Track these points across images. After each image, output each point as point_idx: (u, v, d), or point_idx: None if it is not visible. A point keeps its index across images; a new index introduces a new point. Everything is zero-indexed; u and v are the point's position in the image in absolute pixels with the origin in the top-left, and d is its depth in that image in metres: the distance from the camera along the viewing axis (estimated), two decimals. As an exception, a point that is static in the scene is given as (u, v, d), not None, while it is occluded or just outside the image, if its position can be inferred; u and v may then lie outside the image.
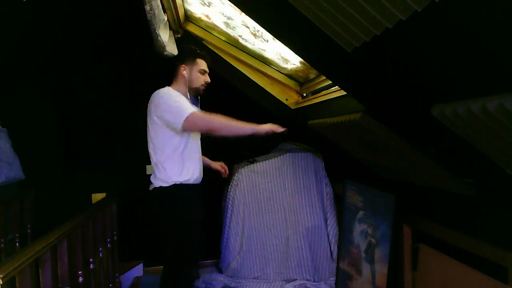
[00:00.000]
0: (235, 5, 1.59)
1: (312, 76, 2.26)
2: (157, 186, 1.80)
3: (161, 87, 2.95)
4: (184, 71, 1.88)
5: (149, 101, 1.84)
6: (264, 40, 2.08)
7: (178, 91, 1.86)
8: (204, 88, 1.93)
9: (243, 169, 2.73)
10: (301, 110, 2.35)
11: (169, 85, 1.90)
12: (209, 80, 1.94)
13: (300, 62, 2.16)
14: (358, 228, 2.08)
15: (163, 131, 1.76)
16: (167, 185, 1.77)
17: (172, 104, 1.73)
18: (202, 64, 1.90)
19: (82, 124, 2.87)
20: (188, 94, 1.90)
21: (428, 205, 1.69)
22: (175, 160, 1.78)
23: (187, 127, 1.70)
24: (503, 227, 1.26)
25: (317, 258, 2.68)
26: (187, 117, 1.67)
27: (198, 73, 1.89)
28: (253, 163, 2.75)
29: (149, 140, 1.86)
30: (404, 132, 1.37)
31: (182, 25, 2.45)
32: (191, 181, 1.81)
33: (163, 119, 1.74)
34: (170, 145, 1.77)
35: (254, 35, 2.09)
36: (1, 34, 2.56)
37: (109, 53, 2.89)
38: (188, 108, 1.71)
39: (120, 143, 2.93)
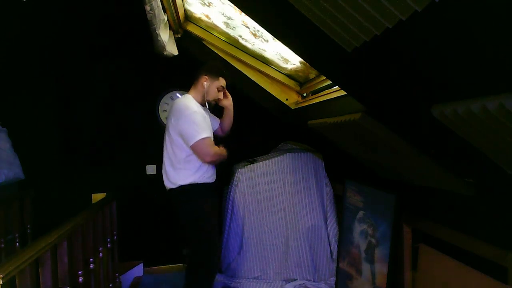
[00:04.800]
0: (235, 5, 1.59)
1: (312, 76, 2.26)
2: (174, 187, 1.96)
3: (160, 87, 2.98)
4: (205, 82, 2.03)
5: (170, 108, 2.00)
6: (264, 40, 2.08)
7: (196, 99, 2.02)
8: (215, 103, 2.11)
9: (243, 169, 2.73)
10: (301, 110, 2.35)
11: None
12: (222, 97, 2.12)
13: (300, 62, 2.16)
14: (358, 228, 2.08)
15: (181, 140, 1.91)
16: (185, 183, 1.92)
17: (192, 122, 1.88)
18: (222, 82, 2.06)
19: (82, 124, 2.87)
20: (206, 103, 2.05)
21: (428, 205, 1.69)
22: (192, 163, 1.93)
23: (194, 149, 1.88)
24: (503, 227, 1.26)
25: (317, 258, 2.68)
26: (198, 141, 1.85)
27: (215, 88, 2.04)
28: (253, 163, 2.75)
29: (166, 143, 2.00)
30: (404, 132, 1.37)
31: (182, 25, 2.45)
32: (205, 181, 1.97)
33: (181, 131, 1.89)
34: (186, 151, 1.92)
35: (254, 35, 2.09)
36: (1, 33, 2.56)
37: (109, 53, 2.89)
38: (203, 131, 1.88)
39: (120, 143, 2.93)
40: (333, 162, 2.74)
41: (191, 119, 1.87)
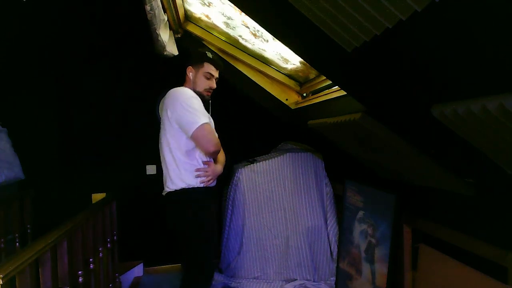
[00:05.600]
0: (235, 5, 1.59)
1: (312, 76, 2.26)
2: (172, 190, 1.78)
3: (160, 87, 2.97)
4: (190, 72, 1.87)
5: (164, 99, 1.80)
6: (264, 40, 2.08)
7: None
8: (208, 94, 1.89)
9: (243, 169, 2.73)
10: (301, 110, 2.35)
11: (174, 87, 1.83)
12: (214, 86, 1.89)
13: (300, 62, 2.16)
14: (358, 228, 2.08)
15: (180, 132, 1.74)
16: (185, 187, 1.75)
17: (189, 107, 1.69)
18: (208, 68, 1.85)
19: (82, 124, 2.87)
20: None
21: (428, 205, 1.69)
22: (193, 159, 1.76)
23: (196, 138, 1.68)
24: (503, 227, 1.26)
25: (317, 258, 2.68)
26: (198, 128, 1.65)
27: (203, 76, 1.85)
28: (253, 163, 2.75)
29: (163, 140, 1.82)
30: (404, 132, 1.37)
31: (182, 25, 2.45)
32: (208, 184, 1.81)
33: (178, 120, 1.71)
34: (186, 145, 1.75)
35: (254, 35, 2.09)
36: (1, 34, 2.56)
37: (109, 53, 2.89)
38: (202, 116, 1.68)
39: (120, 143, 2.93)
40: (333, 162, 2.74)
41: (187, 104, 1.68)
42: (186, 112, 1.67)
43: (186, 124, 1.67)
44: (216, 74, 1.89)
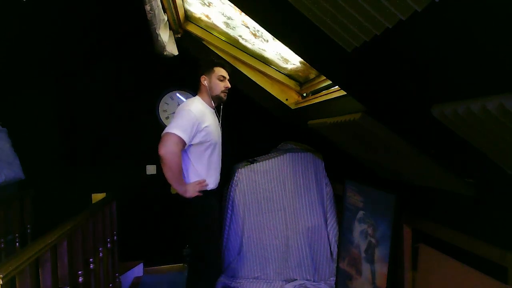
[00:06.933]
0: (235, 5, 1.59)
1: (312, 76, 2.26)
2: None
3: (160, 87, 2.99)
4: (204, 81, 2.01)
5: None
6: (264, 40, 2.08)
7: (204, 101, 2.01)
8: (225, 94, 2.05)
9: (243, 169, 2.73)
10: (301, 110, 2.35)
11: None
12: (228, 85, 2.03)
13: (300, 62, 2.16)
14: (358, 228, 2.08)
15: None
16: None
17: (178, 116, 1.85)
18: (219, 71, 2.01)
19: (82, 124, 2.87)
20: (212, 103, 2.03)
21: (428, 205, 1.69)
22: (198, 166, 1.91)
23: (161, 141, 1.78)
24: (503, 227, 1.26)
25: (317, 258, 2.68)
26: (167, 132, 1.77)
27: (217, 80, 2.00)
28: (253, 163, 2.75)
29: None
30: (404, 132, 1.37)
31: (182, 25, 2.45)
32: (212, 187, 1.97)
33: None
34: (189, 151, 1.90)
35: (254, 35, 2.09)
36: (1, 34, 2.56)
37: (109, 53, 2.89)
38: (179, 128, 1.79)
39: (120, 143, 2.93)
40: (333, 162, 2.74)
41: (179, 115, 1.86)
42: (175, 117, 1.86)
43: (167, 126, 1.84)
44: (227, 75, 2.04)
